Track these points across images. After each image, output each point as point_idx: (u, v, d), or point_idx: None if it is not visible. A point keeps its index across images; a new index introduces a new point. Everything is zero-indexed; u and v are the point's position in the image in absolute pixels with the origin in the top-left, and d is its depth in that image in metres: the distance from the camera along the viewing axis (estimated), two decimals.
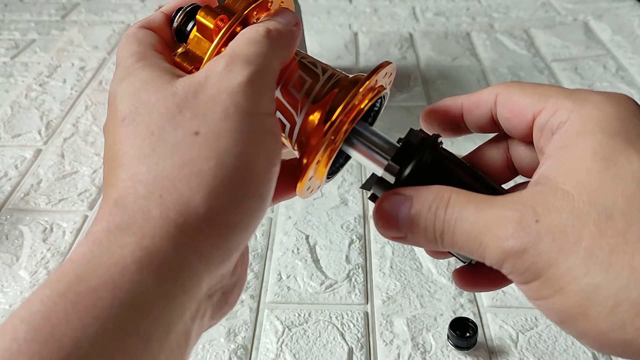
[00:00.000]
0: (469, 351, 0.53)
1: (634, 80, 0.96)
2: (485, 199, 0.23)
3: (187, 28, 0.27)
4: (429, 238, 0.24)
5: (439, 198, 0.24)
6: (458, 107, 0.27)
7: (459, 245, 0.23)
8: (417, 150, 0.26)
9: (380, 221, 0.25)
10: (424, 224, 0.24)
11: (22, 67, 1.03)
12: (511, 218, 0.21)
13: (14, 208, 0.71)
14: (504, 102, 0.26)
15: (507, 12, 1.21)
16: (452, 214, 0.23)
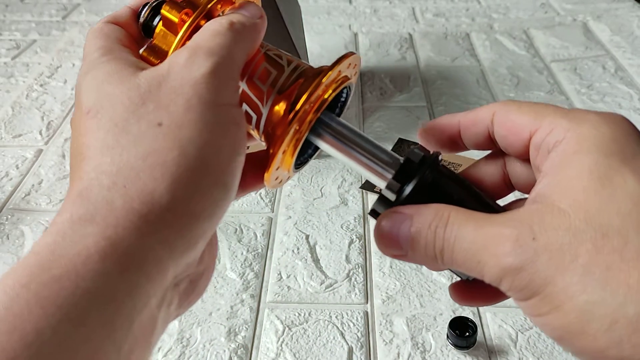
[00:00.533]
0: (468, 350, 0.53)
1: (633, 81, 0.96)
2: (483, 217, 0.23)
3: (154, 23, 0.28)
4: (429, 256, 0.24)
5: (439, 216, 0.24)
6: (455, 124, 0.28)
7: (458, 263, 0.23)
8: (418, 168, 0.26)
9: (381, 240, 0.26)
10: (424, 242, 0.24)
11: (23, 68, 1.03)
12: (509, 236, 0.22)
13: (15, 208, 0.72)
14: (501, 120, 0.26)
15: (506, 13, 1.22)
16: (452, 232, 0.23)
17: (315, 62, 1.03)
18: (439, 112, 0.89)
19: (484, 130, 0.27)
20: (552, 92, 0.94)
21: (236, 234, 0.67)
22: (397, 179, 0.26)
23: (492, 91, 0.95)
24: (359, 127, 0.86)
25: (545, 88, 0.95)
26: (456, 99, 0.92)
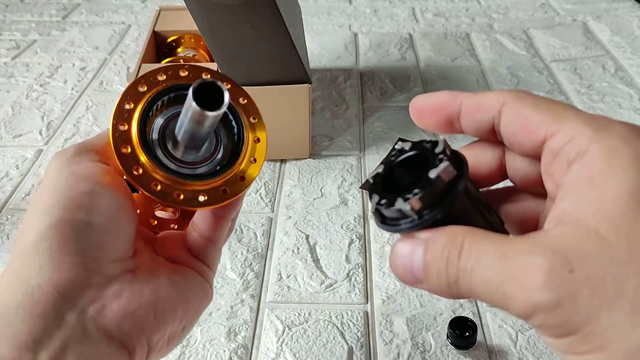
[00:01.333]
0: (468, 350, 0.53)
1: (633, 81, 0.97)
2: (504, 241, 0.21)
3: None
4: (443, 285, 0.22)
5: (451, 241, 0.22)
6: (456, 105, 0.25)
7: (477, 294, 0.21)
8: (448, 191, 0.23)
9: (396, 268, 0.24)
10: (436, 271, 0.22)
11: (23, 68, 1.03)
12: (541, 267, 0.19)
13: (15, 208, 0.72)
14: (512, 113, 0.24)
15: (506, 13, 1.22)
16: (468, 260, 0.21)
17: (315, 62, 1.03)
18: None
19: (488, 119, 0.25)
20: (552, 92, 0.94)
21: (236, 234, 0.67)
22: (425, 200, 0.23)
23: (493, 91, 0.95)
24: (359, 127, 0.86)
25: (545, 88, 0.95)
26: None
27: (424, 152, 0.24)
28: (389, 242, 0.66)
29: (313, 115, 0.87)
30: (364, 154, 0.81)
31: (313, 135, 0.83)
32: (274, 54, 0.71)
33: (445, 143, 0.24)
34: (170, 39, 0.90)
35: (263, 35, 0.69)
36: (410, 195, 0.22)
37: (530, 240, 0.20)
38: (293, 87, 0.73)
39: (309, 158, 0.80)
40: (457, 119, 0.26)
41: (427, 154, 0.24)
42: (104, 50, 1.08)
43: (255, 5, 0.66)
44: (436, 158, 0.23)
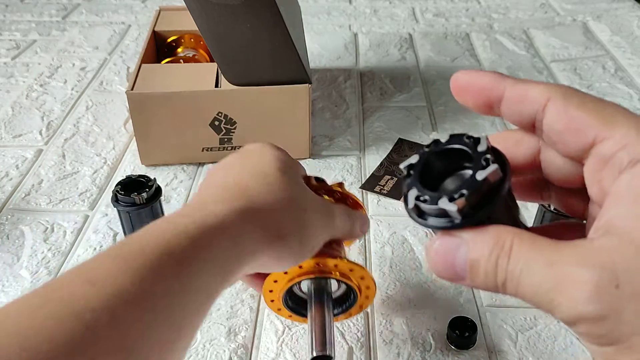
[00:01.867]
0: (468, 350, 0.53)
1: (632, 81, 0.97)
2: (552, 248, 0.21)
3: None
4: (490, 286, 0.23)
5: (500, 245, 0.22)
6: (499, 91, 0.24)
7: (524, 296, 0.22)
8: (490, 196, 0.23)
9: (435, 264, 0.24)
10: (483, 272, 0.22)
11: (23, 68, 1.03)
12: (588, 279, 0.20)
13: (15, 208, 0.72)
14: (558, 112, 0.23)
15: (506, 13, 1.22)
16: (517, 264, 0.21)
17: (315, 62, 1.03)
18: (439, 112, 0.89)
19: (530, 113, 0.24)
20: None
21: None
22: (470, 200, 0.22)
23: None
24: (359, 127, 0.86)
25: None
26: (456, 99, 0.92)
27: (465, 147, 0.24)
28: (389, 242, 0.66)
29: (313, 115, 0.87)
30: (364, 154, 0.81)
31: (313, 135, 0.84)
32: (274, 54, 0.71)
33: (487, 141, 0.24)
34: (170, 39, 0.90)
35: (263, 35, 0.69)
36: (457, 195, 0.22)
37: (578, 250, 0.21)
38: (293, 87, 0.73)
39: (309, 158, 0.80)
40: (498, 104, 0.25)
41: (469, 150, 0.24)
42: (104, 50, 1.08)
43: (255, 5, 0.66)
44: (481, 157, 0.23)
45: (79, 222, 0.69)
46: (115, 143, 0.83)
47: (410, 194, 0.24)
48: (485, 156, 0.23)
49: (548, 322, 0.56)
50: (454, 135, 0.25)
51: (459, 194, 0.22)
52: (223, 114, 0.74)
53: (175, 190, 0.74)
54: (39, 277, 0.62)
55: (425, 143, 0.81)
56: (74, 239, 0.67)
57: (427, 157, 0.25)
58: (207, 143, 0.77)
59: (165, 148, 0.77)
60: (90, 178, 0.76)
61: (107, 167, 0.78)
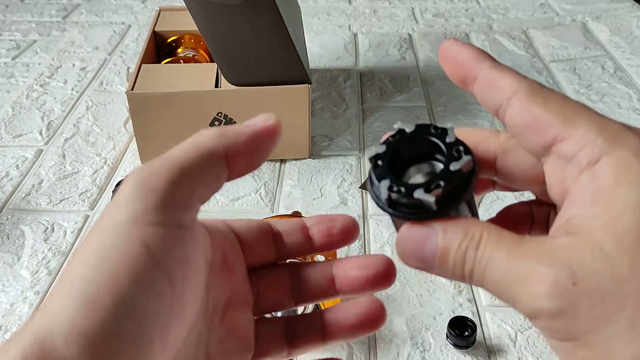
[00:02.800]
0: (467, 350, 0.54)
1: (632, 81, 0.97)
2: (515, 243, 0.22)
3: None
4: (457, 275, 0.23)
5: (470, 236, 0.23)
6: (475, 72, 0.25)
7: (487, 288, 0.22)
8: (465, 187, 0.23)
9: (404, 252, 0.24)
10: (452, 261, 0.23)
11: (23, 68, 1.03)
12: (546, 276, 0.20)
13: (15, 208, 0.72)
14: (521, 107, 0.23)
15: (505, 13, 1.22)
16: (483, 256, 0.22)
17: (315, 62, 1.03)
18: (439, 112, 0.90)
19: (496, 102, 0.24)
20: None
21: None
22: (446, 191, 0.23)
23: None
24: (358, 127, 0.86)
25: None
26: (455, 99, 0.93)
27: (433, 138, 0.24)
28: (389, 242, 0.66)
29: (313, 116, 0.87)
30: (364, 154, 0.81)
31: (313, 135, 0.84)
32: (274, 54, 0.71)
33: (454, 133, 0.24)
34: (170, 39, 0.91)
35: (263, 35, 0.69)
36: (433, 186, 0.23)
37: (539, 247, 0.21)
38: (293, 87, 0.73)
39: (309, 158, 0.80)
40: (471, 84, 0.25)
41: (438, 141, 0.24)
42: (104, 50, 1.08)
43: (255, 5, 0.66)
44: (452, 148, 0.24)
45: (79, 222, 0.69)
46: (116, 143, 0.83)
47: (382, 184, 0.24)
48: (457, 147, 0.24)
49: None
50: (420, 125, 0.25)
51: (435, 184, 0.23)
52: (223, 114, 0.74)
53: None
54: (39, 277, 0.62)
55: None
56: (74, 239, 0.67)
57: (395, 146, 0.25)
58: None
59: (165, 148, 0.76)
60: (91, 178, 0.76)
61: (107, 167, 0.78)
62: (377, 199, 0.25)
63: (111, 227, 0.22)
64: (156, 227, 0.22)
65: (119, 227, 0.22)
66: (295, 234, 0.30)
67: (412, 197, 0.23)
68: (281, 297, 0.30)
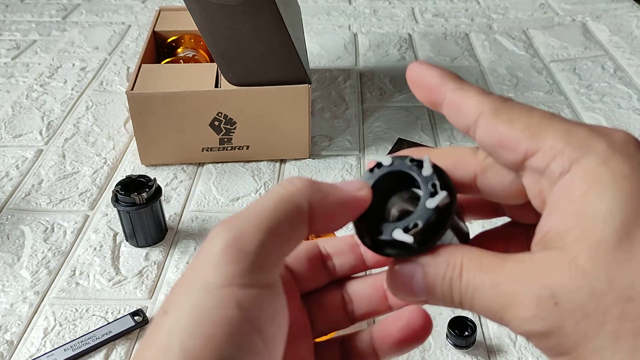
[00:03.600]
0: (467, 350, 0.54)
1: (632, 81, 0.97)
2: (496, 267, 0.22)
3: None
4: (449, 304, 0.24)
5: (452, 266, 0.23)
6: (441, 95, 0.25)
7: (480, 313, 0.23)
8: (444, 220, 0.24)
9: (395, 290, 0.25)
10: (440, 293, 0.23)
11: (23, 68, 1.03)
12: (529, 300, 0.21)
13: (15, 208, 0.72)
14: (488, 128, 0.23)
15: (505, 13, 1.22)
16: (467, 285, 0.23)
17: (315, 62, 1.03)
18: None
19: (466, 125, 0.24)
20: (551, 92, 0.95)
21: None
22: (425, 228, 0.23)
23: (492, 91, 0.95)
24: (358, 127, 0.86)
25: (545, 88, 0.95)
26: None
27: (408, 171, 0.25)
28: None
29: (313, 116, 0.87)
30: (364, 154, 0.81)
31: (313, 136, 0.84)
32: (274, 54, 0.71)
33: (430, 163, 0.24)
34: (170, 39, 0.91)
35: (263, 35, 0.69)
36: (411, 225, 0.23)
37: (519, 267, 0.22)
38: (293, 87, 0.73)
39: (309, 158, 0.80)
40: (440, 107, 0.25)
41: (413, 175, 0.25)
42: (104, 50, 1.08)
43: (255, 5, 0.66)
44: (428, 183, 0.24)
45: (79, 222, 0.69)
46: (116, 143, 0.83)
47: (362, 227, 0.25)
48: (433, 182, 0.24)
49: None
50: (397, 158, 0.25)
51: (412, 224, 0.23)
52: (223, 114, 0.74)
53: (175, 190, 0.74)
54: (39, 277, 0.62)
55: (426, 143, 0.82)
56: (74, 239, 0.67)
57: (375, 183, 0.26)
58: (207, 143, 0.77)
59: (165, 148, 0.77)
60: (91, 178, 0.76)
61: (107, 167, 0.78)
62: (361, 239, 0.26)
63: (203, 288, 0.22)
64: (249, 289, 0.22)
65: (212, 290, 0.22)
66: (345, 254, 0.30)
67: (392, 238, 0.24)
68: (336, 318, 0.30)
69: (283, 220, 0.24)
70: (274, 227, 0.23)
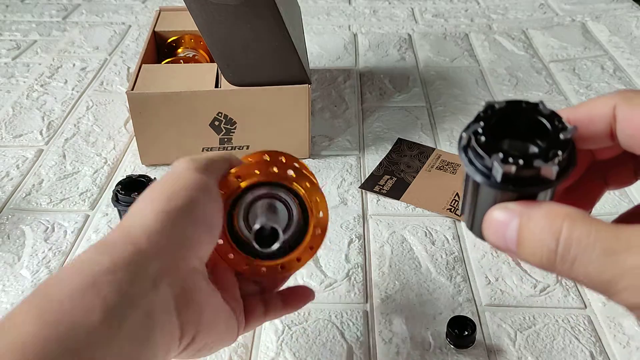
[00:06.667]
0: (467, 349, 0.54)
1: (631, 81, 0.97)
2: (610, 234, 0.21)
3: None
4: (536, 262, 0.22)
5: (549, 225, 0.22)
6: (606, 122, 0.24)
7: (577, 280, 0.22)
8: (574, 160, 0.22)
9: (488, 236, 0.24)
10: (531, 249, 0.22)
11: (24, 68, 1.03)
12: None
13: (16, 208, 0.72)
14: (627, 117, 0.23)
15: (505, 13, 1.22)
16: (569, 246, 0.21)
17: (315, 62, 1.03)
18: (438, 112, 0.90)
19: (604, 129, 0.23)
20: (550, 92, 0.95)
21: None
22: (564, 160, 0.22)
23: (491, 91, 0.95)
24: (358, 127, 0.86)
25: (544, 88, 0.96)
26: (455, 99, 0.93)
27: (528, 113, 0.23)
28: (388, 242, 0.66)
29: (313, 116, 0.88)
30: (364, 154, 0.81)
31: (312, 135, 0.84)
32: (274, 54, 0.71)
33: (547, 106, 0.23)
34: (170, 39, 0.91)
35: (263, 35, 0.69)
36: (551, 155, 0.22)
37: (635, 238, 0.21)
38: (293, 87, 0.74)
39: (309, 158, 0.80)
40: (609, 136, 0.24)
41: (533, 113, 0.23)
42: (104, 50, 1.08)
43: (255, 5, 0.66)
44: (553, 119, 0.23)
45: (79, 221, 0.70)
46: (116, 143, 0.83)
47: (494, 158, 0.22)
48: (558, 118, 0.23)
49: (547, 321, 0.56)
50: (511, 102, 0.24)
51: (552, 153, 0.22)
52: (223, 114, 0.74)
53: None
54: (39, 276, 0.62)
55: (425, 143, 0.82)
56: (74, 239, 0.67)
57: (490, 122, 0.24)
58: (207, 143, 0.77)
59: (166, 148, 0.77)
60: (91, 178, 0.77)
61: (107, 167, 0.78)
62: (486, 173, 0.23)
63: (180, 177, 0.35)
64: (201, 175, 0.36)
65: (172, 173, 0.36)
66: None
67: (532, 167, 0.22)
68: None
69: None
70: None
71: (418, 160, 0.79)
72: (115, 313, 0.26)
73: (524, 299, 0.59)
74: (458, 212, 0.69)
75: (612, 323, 0.56)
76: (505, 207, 0.23)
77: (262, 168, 0.41)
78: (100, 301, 0.25)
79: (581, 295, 0.59)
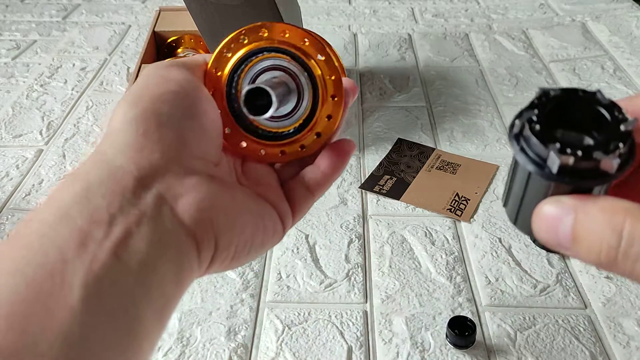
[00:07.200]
0: (467, 350, 0.54)
1: (631, 81, 0.97)
2: None
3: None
4: (592, 260, 0.21)
5: (608, 220, 0.20)
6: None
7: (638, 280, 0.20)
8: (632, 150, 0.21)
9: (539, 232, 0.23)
10: (587, 247, 0.21)
11: (24, 68, 1.03)
12: None
13: (16, 208, 0.72)
14: None
15: (505, 13, 1.22)
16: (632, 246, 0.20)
17: None
18: (438, 112, 0.90)
19: None
20: None
21: None
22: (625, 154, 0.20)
23: (491, 91, 0.95)
24: (358, 127, 0.86)
25: None
26: (455, 99, 0.93)
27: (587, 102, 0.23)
28: (388, 242, 0.66)
29: None
30: (364, 154, 0.81)
31: None
32: None
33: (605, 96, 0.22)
34: (170, 39, 0.91)
35: None
36: (612, 147, 0.20)
37: None
38: None
39: None
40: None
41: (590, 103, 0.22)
42: (104, 50, 1.08)
43: (255, 5, 0.66)
44: (613, 110, 0.22)
45: None
46: None
47: (551, 148, 0.21)
48: (618, 108, 0.22)
49: (547, 322, 0.56)
50: (566, 89, 0.23)
51: (613, 145, 0.20)
52: None
53: None
54: None
55: (425, 143, 0.82)
56: None
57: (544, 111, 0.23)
58: None
59: None
60: None
61: None
62: (540, 164, 0.22)
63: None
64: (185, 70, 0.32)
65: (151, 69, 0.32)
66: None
67: (591, 159, 0.20)
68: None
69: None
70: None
71: (418, 160, 0.79)
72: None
73: (524, 299, 0.59)
74: (458, 212, 0.69)
75: (612, 323, 0.56)
76: (559, 201, 0.22)
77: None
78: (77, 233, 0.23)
79: (581, 295, 0.59)
